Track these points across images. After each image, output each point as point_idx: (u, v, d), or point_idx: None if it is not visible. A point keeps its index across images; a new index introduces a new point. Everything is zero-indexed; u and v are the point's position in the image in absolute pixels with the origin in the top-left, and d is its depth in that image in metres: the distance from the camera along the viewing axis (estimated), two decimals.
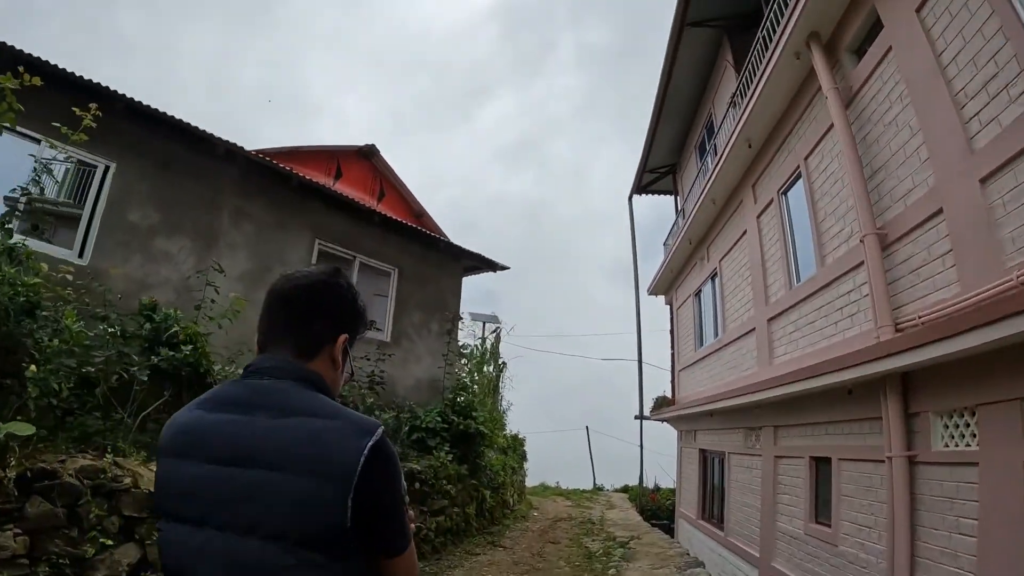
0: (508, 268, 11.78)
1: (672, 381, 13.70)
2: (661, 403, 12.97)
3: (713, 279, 11.07)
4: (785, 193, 8.17)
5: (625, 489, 21.10)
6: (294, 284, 1.39)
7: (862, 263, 5.84)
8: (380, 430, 1.21)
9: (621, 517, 13.31)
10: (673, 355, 14.09)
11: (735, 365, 9.32)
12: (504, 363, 16.49)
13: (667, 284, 14.43)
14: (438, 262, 11.16)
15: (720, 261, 10.49)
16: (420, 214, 14.45)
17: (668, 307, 14.96)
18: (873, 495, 5.49)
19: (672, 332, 14.18)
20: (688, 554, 8.96)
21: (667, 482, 19.35)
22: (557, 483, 23.17)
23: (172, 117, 8.22)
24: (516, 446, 15.64)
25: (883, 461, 5.19)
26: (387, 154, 14.04)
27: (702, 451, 11.14)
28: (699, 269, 11.94)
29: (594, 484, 22.40)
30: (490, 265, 11.84)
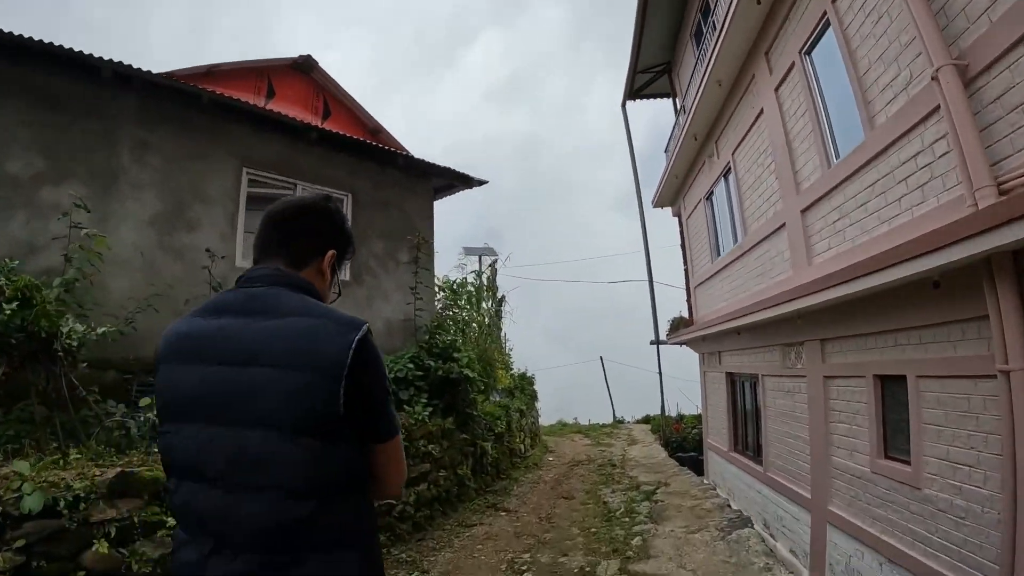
0: (486, 182, 10.08)
1: (688, 300, 12.21)
2: (678, 324, 11.51)
3: (726, 177, 9.41)
4: (809, 53, 6.46)
5: (647, 420, 19.97)
6: (285, 205, 1.56)
7: (935, 110, 4.24)
8: (365, 326, 1.35)
9: (644, 454, 12.07)
10: (687, 271, 12.55)
11: (763, 272, 7.77)
12: (503, 296, 15.02)
13: (672, 193, 12.74)
14: (401, 183, 9.45)
15: (733, 154, 8.81)
16: (376, 131, 12.51)
17: (676, 219, 13.33)
18: (973, 423, 4.03)
19: (683, 246, 12.59)
20: (729, 506, 7.60)
21: (690, 408, 18.21)
22: (575, 419, 22.13)
23: (49, 44, 6.57)
24: (524, 386, 14.34)
25: (992, 377, 3.72)
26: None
27: (729, 375, 9.74)
28: (708, 169, 10.26)
29: (614, 417, 21.29)
30: (464, 180, 10.07)
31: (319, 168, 8.35)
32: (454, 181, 10.01)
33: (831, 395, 6.01)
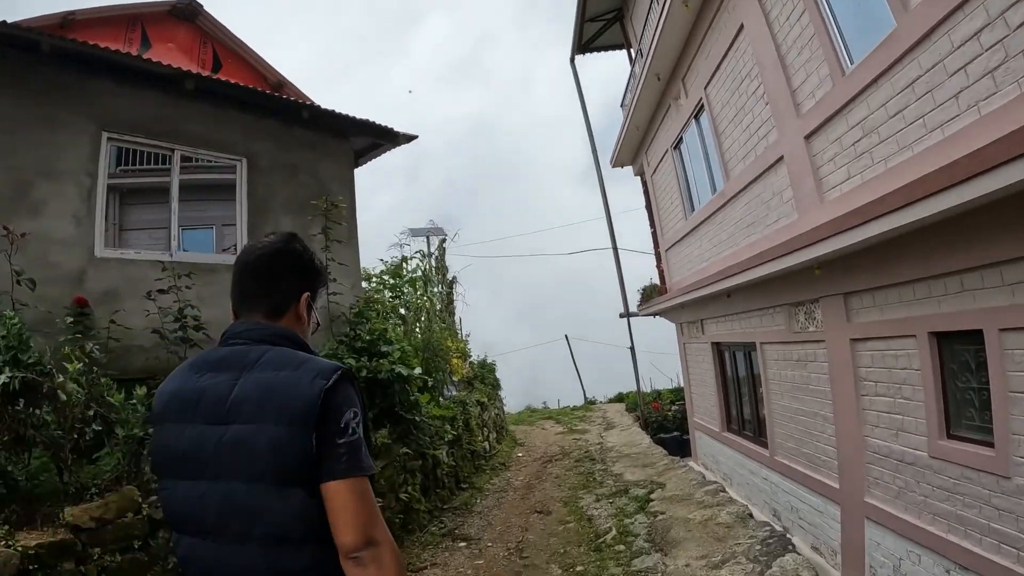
0: (414, 137, 8.41)
1: (659, 265, 11.01)
2: (650, 293, 10.29)
3: (697, 118, 8.16)
4: None
5: (620, 398, 18.86)
6: (256, 255, 1.56)
7: None
8: (337, 373, 1.37)
9: (625, 441, 10.81)
10: (655, 234, 11.34)
11: (755, 221, 6.55)
12: (454, 278, 13.58)
13: (633, 149, 11.47)
14: (313, 144, 7.79)
15: (705, 88, 7.54)
16: (278, 84, 10.56)
17: (639, 179, 12.10)
18: None
19: (649, 207, 11.37)
20: (751, 516, 6.09)
21: (664, 382, 17.21)
22: (544, 404, 20.93)
23: None
24: (485, 375, 12.97)
25: None
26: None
27: (716, 345, 8.58)
28: (675, 113, 9.00)
29: (584, 398, 20.14)
30: (389, 137, 8.32)
31: (205, 129, 6.68)
32: (378, 139, 8.38)
33: (862, 362, 4.82)
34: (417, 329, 9.98)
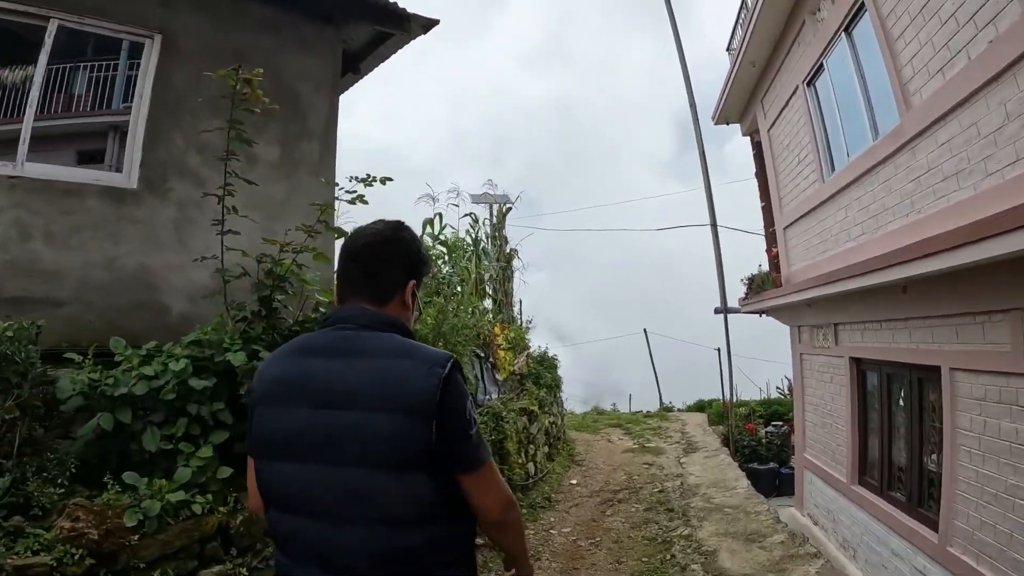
0: (435, 23, 5.88)
1: (770, 250, 8.42)
2: (761, 283, 7.71)
3: (849, 31, 5.60)
4: None
5: (700, 407, 16.14)
6: (363, 242, 1.58)
7: None
8: (450, 363, 1.41)
9: (714, 480, 8.04)
10: (766, 209, 8.76)
11: (962, 169, 3.97)
12: (513, 251, 11.36)
13: (744, 96, 8.85)
14: (275, 24, 5.30)
15: None
16: None
17: (750, 140, 9.49)
18: None
19: (762, 174, 8.78)
20: None
21: (750, 392, 14.50)
22: (614, 405, 18.50)
23: None
24: (541, 372, 10.67)
25: None
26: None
27: (857, 362, 6.01)
28: (810, 34, 6.42)
29: (660, 403, 17.53)
30: (394, 19, 5.63)
31: None
32: (379, 25, 5.72)
33: None
34: (451, 308, 7.89)
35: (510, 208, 11.79)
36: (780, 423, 10.92)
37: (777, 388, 16.31)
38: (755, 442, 10.11)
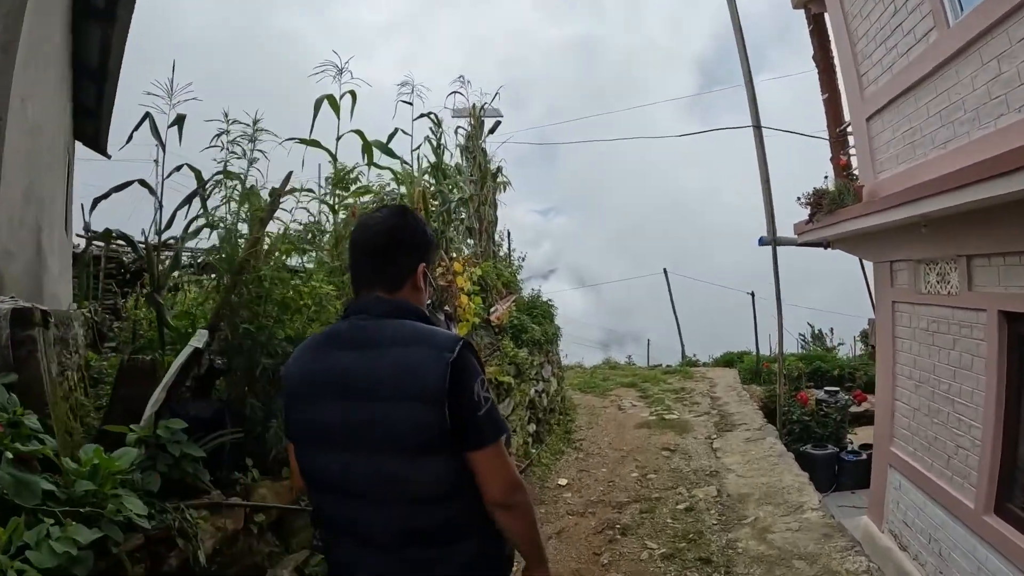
0: None
1: (836, 158, 6.00)
2: (834, 199, 5.12)
3: None
4: None
5: (729, 361, 13.89)
6: (372, 234, 1.63)
7: None
8: (459, 346, 1.47)
9: (766, 485, 5.71)
10: (827, 101, 6.30)
11: None
12: (499, 168, 9.05)
13: None
14: None
15: None
16: None
17: (804, 11, 6.93)
18: None
19: (828, 50, 6.30)
20: None
21: (789, 344, 12.16)
22: (629, 358, 16.37)
23: None
24: (526, 324, 8.29)
25: None
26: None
27: (1008, 320, 3.69)
28: None
29: (683, 356, 15.28)
30: None
31: None
32: None
33: None
34: None
35: (499, 122, 9.41)
36: (834, 388, 8.61)
37: (815, 337, 14.01)
38: (807, 415, 7.84)
